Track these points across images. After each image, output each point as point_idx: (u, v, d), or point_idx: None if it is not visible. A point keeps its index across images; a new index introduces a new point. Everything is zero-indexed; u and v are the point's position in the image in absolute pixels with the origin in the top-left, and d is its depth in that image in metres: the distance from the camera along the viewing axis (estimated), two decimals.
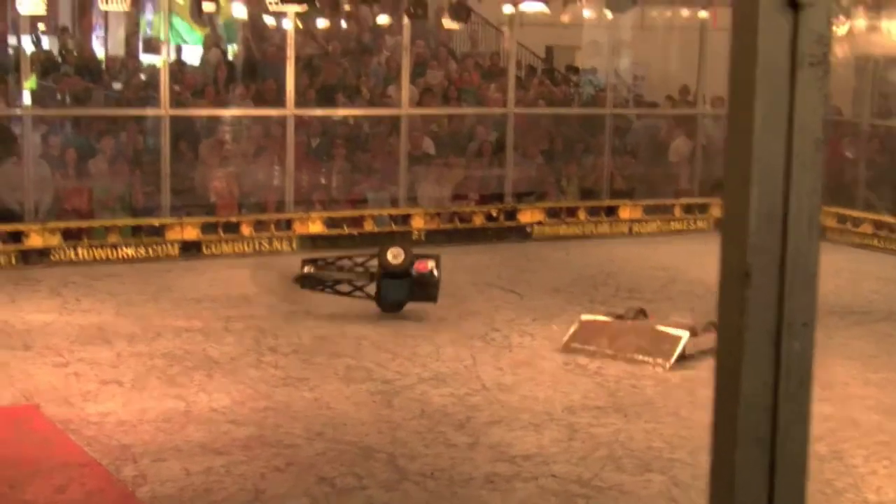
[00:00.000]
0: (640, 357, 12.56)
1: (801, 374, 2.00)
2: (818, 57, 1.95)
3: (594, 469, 9.69)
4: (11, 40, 19.50)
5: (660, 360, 12.45)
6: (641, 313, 13.68)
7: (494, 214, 19.76)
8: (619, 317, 13.55)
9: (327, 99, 19.89)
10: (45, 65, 19.62)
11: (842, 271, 16.67)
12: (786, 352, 1.98)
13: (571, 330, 13.16)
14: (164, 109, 18.04)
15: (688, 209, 21.12)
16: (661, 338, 12.79)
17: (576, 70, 23.87)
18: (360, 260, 14.51)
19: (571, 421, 10.85)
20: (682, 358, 12.47)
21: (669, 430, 10.67)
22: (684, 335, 12.65)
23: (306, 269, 14.43)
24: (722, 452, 1.97)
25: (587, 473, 9.58)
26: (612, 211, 20.62)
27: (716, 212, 20.94)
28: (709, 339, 12.30)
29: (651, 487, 9.36)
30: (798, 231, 1.94)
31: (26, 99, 17.63)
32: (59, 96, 18.93)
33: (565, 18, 21.84)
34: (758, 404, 1.96)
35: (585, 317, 13.53)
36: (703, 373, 12.28)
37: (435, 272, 14.03)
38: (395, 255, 13.70)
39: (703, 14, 21.40)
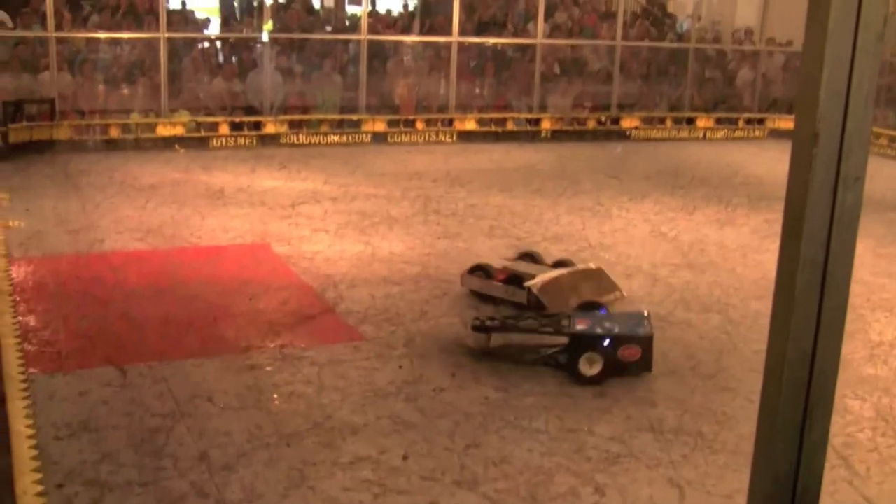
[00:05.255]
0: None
1: (851, 219, 1.91)
2: None
3: (669, 308, 9.58)
4: None
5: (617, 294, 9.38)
6: (485, 269, 9.57)
7: (603, 120, 19.57)
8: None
9: (482, 30, 19.71)
10: (279, 8, 19.65)
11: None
12: (840, 200, 1.89)
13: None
14: (363, 35, 18.05)
15: (749, 122, 20.67)
16: (597, 276, 9.62)
17: (669, 15, 23.25)
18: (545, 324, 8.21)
19: (654, 273, 10.72)
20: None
21: (727, 282, 10.49)
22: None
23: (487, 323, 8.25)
24: (785, 275, 1.90)
25: (664, 311, 9.47)
26: (691, 121, 20.30)
27: (770, 124, 20.54)
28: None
29: (710, 323, 9.23)
30: (857, 104, 1.83)
31: (265, 35, 17.90)
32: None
33: None
34: (816, 239, 1.87)
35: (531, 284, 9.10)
36: (755, 242, 12.07)
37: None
38: (590, 362, 7.58)
39: None
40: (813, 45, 1.80)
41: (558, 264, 9.78)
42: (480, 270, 9.58)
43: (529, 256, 10.13)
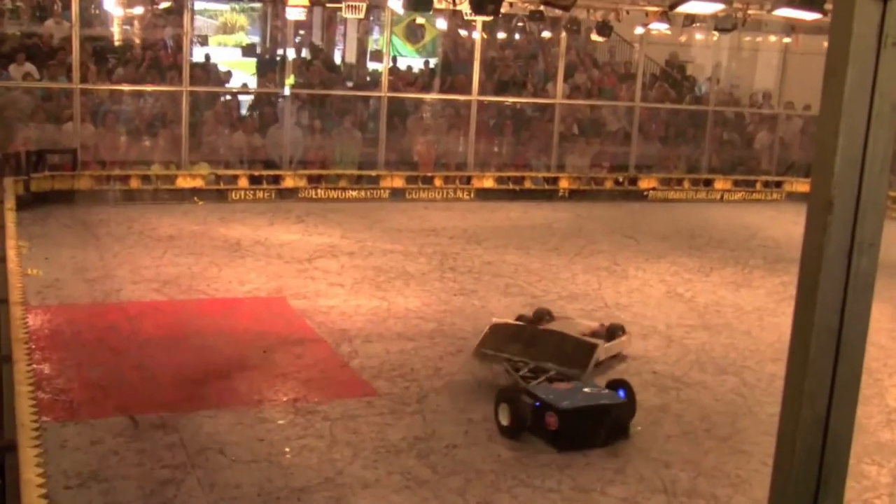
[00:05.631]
0: (554, 366, 8.61)
1: (866, 285, 1.92)
2: None
3: (684, 369, 9.54)
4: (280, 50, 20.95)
5: (575, 371, 8.56)
6: (548, 315, 10.20)
7: (621, 180, 19.62)
8: (528, 320, 10.03)
9: (502, 90, 19.87)
10: (302, 64, 19.86)
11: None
12: (855, 266, 1.90)
13: (483, 333, 9.36)
14: (383, 92, 18.20)
15: (766, 184, 20.70)
16: (576, 347, 9.10)
17: (688, 78, 23.38)
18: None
19: (669, 333, 10.69)
20: (596, 365, 9.02)
21: (742, 344, 10.45)
22: (599, 344, 9.22)
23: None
24: (800, 340, 1.90)
25: (678, 372, 9.44)
26: (709, 182, 20.34)
27: (788, 187, 20.56)
28: (617, 345, 9.70)
29: (725, 385, 9.18)
30: (872, 172, 1.85)
31: (286, 90, 18.07)
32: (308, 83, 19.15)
33: (682, 38, 21.47)
34: (831, 305, 1.88)
35: (496, 320, 9.73)
36: (771, 304, 12.03)
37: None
38: (504, 413, 7.80)
39: (787, 40, 20.82)
40: (829, 112, 1.82)
41: (613, 331, 9.89)
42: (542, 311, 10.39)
43: (618, 326, 10.04)
